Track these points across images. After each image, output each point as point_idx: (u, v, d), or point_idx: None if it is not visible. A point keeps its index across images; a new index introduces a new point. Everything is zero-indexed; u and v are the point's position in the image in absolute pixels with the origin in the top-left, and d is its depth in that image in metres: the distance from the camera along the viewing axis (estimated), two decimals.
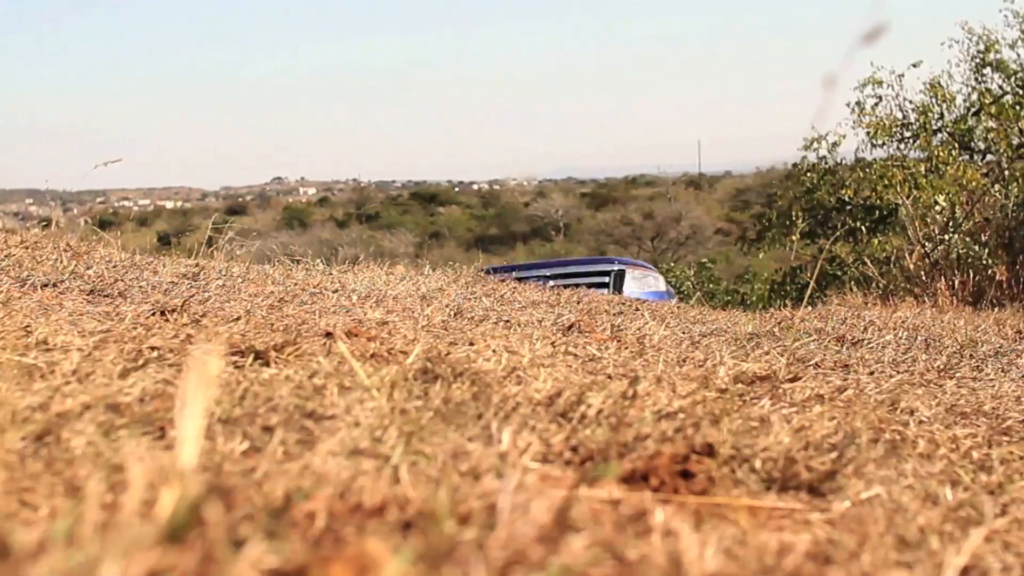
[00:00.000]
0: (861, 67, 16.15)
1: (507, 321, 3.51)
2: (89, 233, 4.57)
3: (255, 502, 1.12)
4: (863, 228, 14.74)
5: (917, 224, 9.44)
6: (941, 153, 14.60)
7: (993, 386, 2.84)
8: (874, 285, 9.58)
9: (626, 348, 3.00)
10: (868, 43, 1.19)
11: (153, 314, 2.72)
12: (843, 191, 15.70)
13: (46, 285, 3.17)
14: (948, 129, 15.44)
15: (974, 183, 12.48)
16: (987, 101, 15.24)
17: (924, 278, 8.59)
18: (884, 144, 15.68)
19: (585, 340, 3.00)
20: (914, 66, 16.00)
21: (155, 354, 2.08)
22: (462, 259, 11.11)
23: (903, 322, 4.72)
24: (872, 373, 2.93)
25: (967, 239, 8.80)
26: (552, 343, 2.83)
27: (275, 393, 1.73)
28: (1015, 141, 14.57)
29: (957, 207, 9.98)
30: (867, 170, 15.52)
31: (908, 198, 11.91)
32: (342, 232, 40.32)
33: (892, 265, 10.50)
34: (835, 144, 16.61)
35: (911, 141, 15.68)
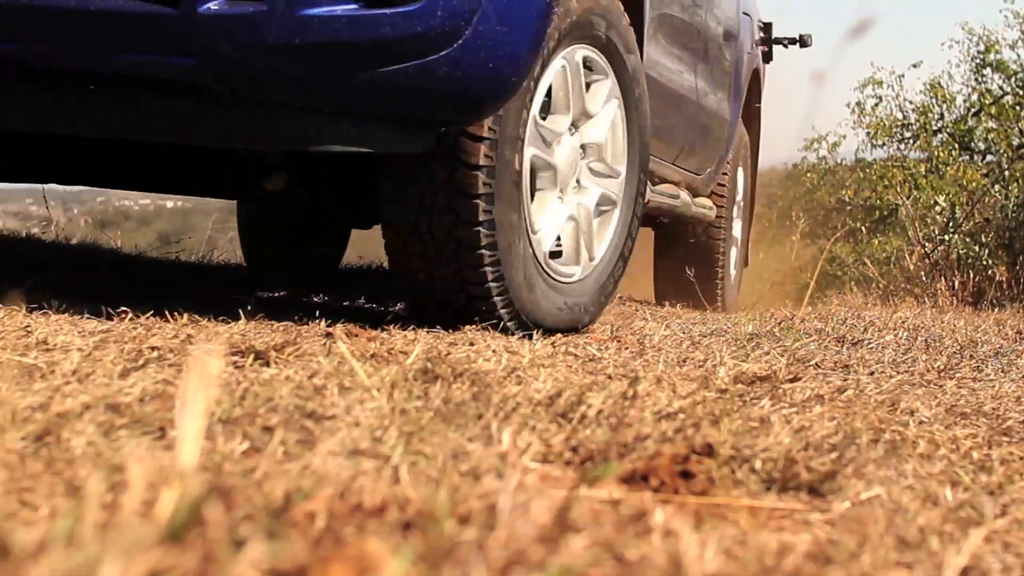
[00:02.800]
0: (861, 67, 16.16)
1: None
2: (89, 233, 4.57)
3: (255, 502, 1.12)
4: (863, 228, 14.74)
5: (917, 224, 9.44)
6: (941, 153, 14.59)
7: (993, 386, 2.84)
8: (874, 285, 9.57)
9: (626, 348, 3.00)
10: (855, 38, 1.20)
11: (153, 314, 2.72)
12: (843, 191, 15.71)
13: None
14: (948, 130, 15.43)
15: (974, 183, 12.46)
16: (987, 102, 15.23)
17: (924, 278, 8.58)
18: (884, 144, 15.69)
19: (585, 340, 3.00)
20: (914, 66, 16.05)
21: (155, 354, 2.08)
22: None
23: (903, 322, 4.72)
24: (872, 373, 2.93)
25: (967, 239, 8.79)
26: (552, 343, 2.83)
27: (275, 393, 1.73)
28: (1015, 142, 14.54)
29: (957, 207, 9.97)
30: (867, 170, 15.52)
31: (908, 198, 11.91)
32: None
33: (892, 265, 10.50)
34: (835, 144, 16.64)
35: (911, 141, 15.67)
